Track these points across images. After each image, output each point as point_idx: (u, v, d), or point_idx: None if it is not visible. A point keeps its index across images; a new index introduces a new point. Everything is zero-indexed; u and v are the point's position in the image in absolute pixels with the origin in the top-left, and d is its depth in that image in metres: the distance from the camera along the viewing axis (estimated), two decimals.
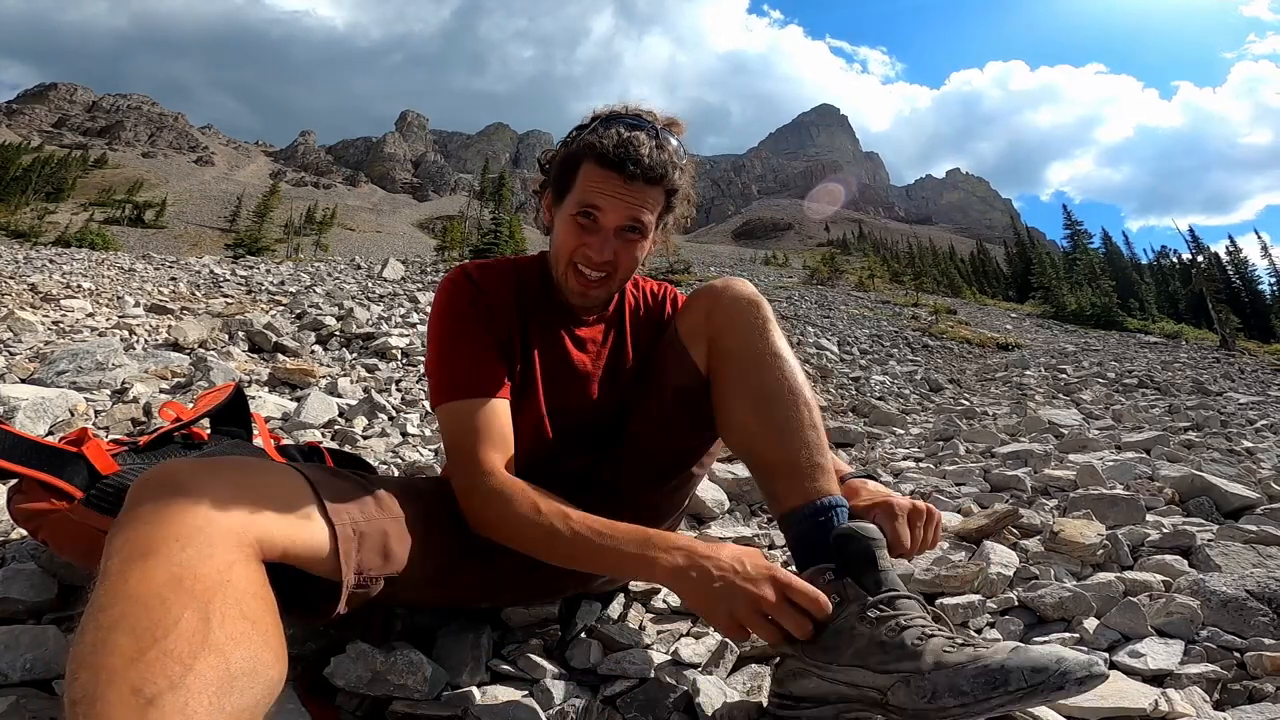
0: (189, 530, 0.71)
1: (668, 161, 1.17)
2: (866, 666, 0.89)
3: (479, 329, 1.22)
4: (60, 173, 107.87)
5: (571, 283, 1.25)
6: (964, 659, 0.83)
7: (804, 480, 1.08)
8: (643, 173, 1.14)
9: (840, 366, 8.33)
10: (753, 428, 1.14)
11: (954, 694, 0.81)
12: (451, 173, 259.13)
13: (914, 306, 20.90)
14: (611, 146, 1.13)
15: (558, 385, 1.29)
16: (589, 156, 1.16)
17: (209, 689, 0.60)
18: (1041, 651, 0.81)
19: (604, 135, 1.15)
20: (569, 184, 1.20)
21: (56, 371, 3.19)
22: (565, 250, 1.22)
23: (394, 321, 6.92)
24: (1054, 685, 0.78)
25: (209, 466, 0.81)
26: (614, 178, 1.14)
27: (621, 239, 1.20)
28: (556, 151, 1.28)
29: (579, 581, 1.35)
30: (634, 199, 1.16)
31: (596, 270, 1.22)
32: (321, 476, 0.92)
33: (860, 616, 0.93)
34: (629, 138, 1.14)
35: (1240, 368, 12.30)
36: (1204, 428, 4.37)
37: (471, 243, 35.78)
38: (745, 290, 1.22)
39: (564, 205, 1.22)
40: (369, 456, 2.71)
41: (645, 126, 1.18)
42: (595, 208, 1.17)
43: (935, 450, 3.65)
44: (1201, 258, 46.27)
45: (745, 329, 1.18)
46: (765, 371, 1.15)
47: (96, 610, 0.63)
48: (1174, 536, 1.70)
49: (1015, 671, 0.79)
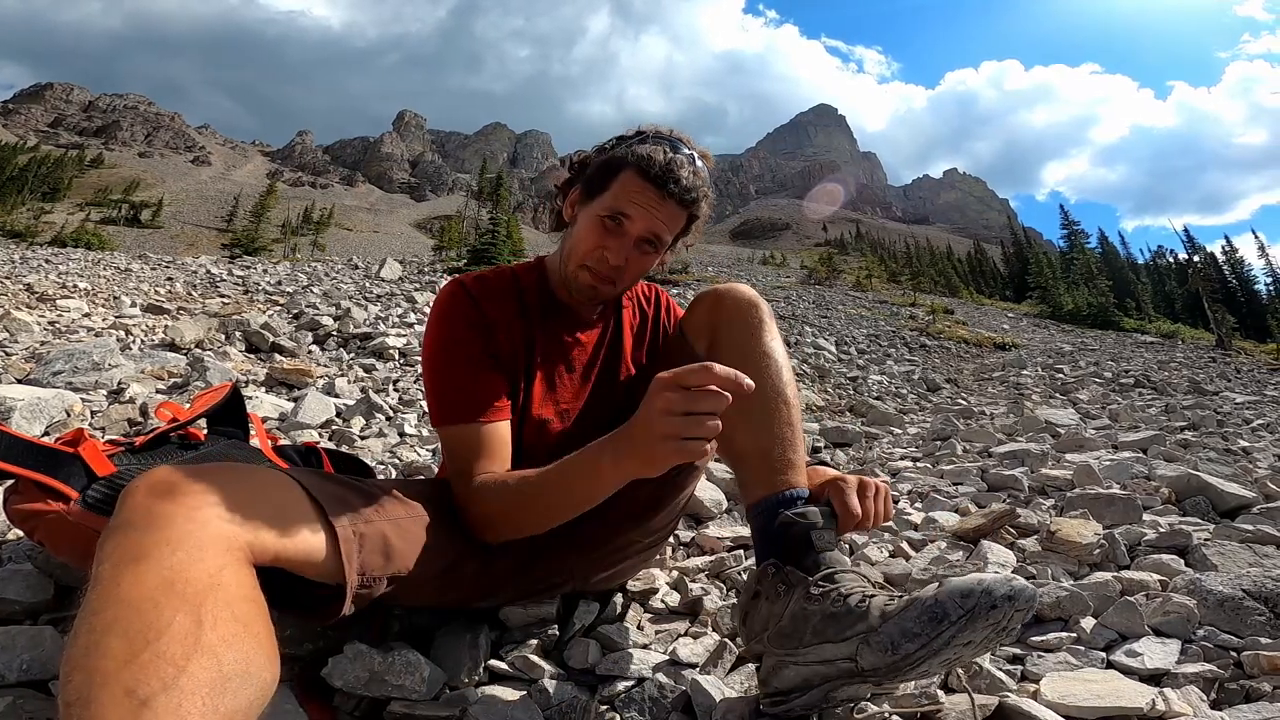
0: (179, 535, 0.71)
1: (700, 188, 1.24)
2: (827, 640, 0.93)
3: (477, 349, 1.24)
4: (56, 172, 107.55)
5: (583, 280, 1.28)
6: (903, 604, 0.90)
7: (772, 473, 1.12)
8: (679, 193, 1.21)
9: (838, 366, 8.34)
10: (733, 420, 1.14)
11: (909, 638, 0.86)
12: (449, 173, 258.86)
13: (911, 306, 20.94)
14: (659, 163, 1.19)
15: (560, 387, 1.34)
16: (632, 166, 1.21)
17: (202, 690, 0.60)
18: (962, 578, 0.87)
19: (652, 150, 1.21)
20: (604, 186, 1.24)
21: (52, 372, 3.18)
22: (584, 247, 1.26)
23: (391, 321, 6.91)
24: (986, 604, 0.83)
25: (199, 473, 0.81)
26: (651, 191, 1.20)
27: (638, 249, 1.25)
28: (591, 154, 1.33)
29: (576, 580, 1.35)
30: (662, 215, 1.22)
31: (608, 272, 1.26)
32: (315, 481, 0.93)
33: (807, 596, 0.98)
34: (674, 158, 1.21)
35: (1236, 367, 12.34)
36: (1200, 427, 4.39)
37: (469, 243, 35.76)
38: (746, 293, 1.27)
39: (592, 205, 1.26)
40: (366, 456, 2.71)
41: (684, 151, 1.25)
42: (625, 215, 1.22)
43: (933, 450, 3.65)
44: (1197, 258, 46.43)
45: (740, 326, 1.23)
46: (751, 369, 1.15)
47: (89, 614, 0.64)
48: (1170, 536, 1.70)
49: (948, 601, 0.85)
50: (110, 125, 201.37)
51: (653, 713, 1.07)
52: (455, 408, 1.20)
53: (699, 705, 1.06)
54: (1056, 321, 26.15)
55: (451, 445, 1.20)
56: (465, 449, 1.17)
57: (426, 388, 1.26)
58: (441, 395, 1.22)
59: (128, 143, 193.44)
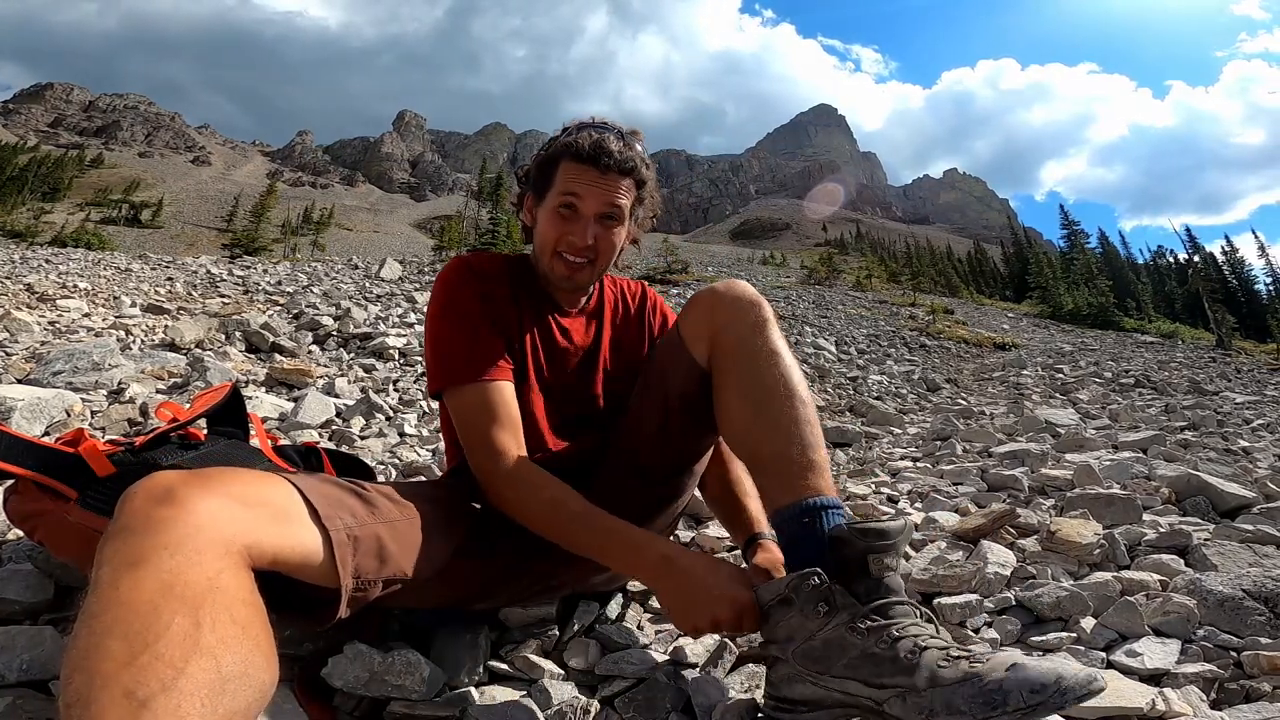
0: (178, 539, 0.72)
1: (635, 156, 1.33)
2: (859, 679, 0.88)
3: (478, 314, 1.30)
4: (56, 172, 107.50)
5: (559, 269, 1.35)
6: (960, 676, 0.82)
7: (795, 477, 1.07)
8: (615, 164, 1.29)
9: (838, 366, 8.34)
10: (748, 423, 1.16)
11: (951, 712, 0.80)
12: (449, 173, 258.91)
13: (911, 306, 20.93)
14: (587, 144, 1.29)
15: (550, 371, 1.39)
16: (565, 156, 1.31)
17: (201, 691, 0.61)
18: (1040, 669, 0.80)
19: (579, 137, 1.30)
20: (549, 183, 1.33)
21: (53, 372, 3.18)
22: (550, 240, 1.33)
23: (391, 321, 6.91)
24: (1054, 705, 0.77)
25: (197, 477, 0.81)
26: (590, 170, 1.29)
27: (601, 225, 1.32)
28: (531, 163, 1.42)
29: (574, 580, 1.36)
30: (609, 187, 1.30)
31: (580, 256, 1.33)
32: (310, 484, 0.93)
33: (850, 627, 0.91)
34: (600, 137, 1.30)
35: (1236, 367, 12.34)
36: (1200, 427, 4.39)
37: (469, 242, 35.79)
38: (746, 291, 1.26)
39: (545, 201, 1.35)
40: (366, 457, 2.71)
41: (612, 130, 1.34)
42: (575, 195, 1.30)
43: (933, 450, 3.65)
44: (1198, 258, 46.43)
45: (744, 326, 1.20)
46: (761, 367, 1.16)
47: (89, 617, 0.64)
48: (1170, 536, 1.70)
49: (1014, 691, 0.78)
50: (110, 125, 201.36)
51: (652, 713, 1.07)
52: (460, 365, 1.24)
53: (699, 705, 1.06)
54: (1056, 321, 26.13)
55: (461, 410, 1.23)
56: (474, 413, 1.21)
57: (428, 356, 1.31)
58: (445, 357, 1.27)
59: (128, 143, 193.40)
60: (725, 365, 1.20)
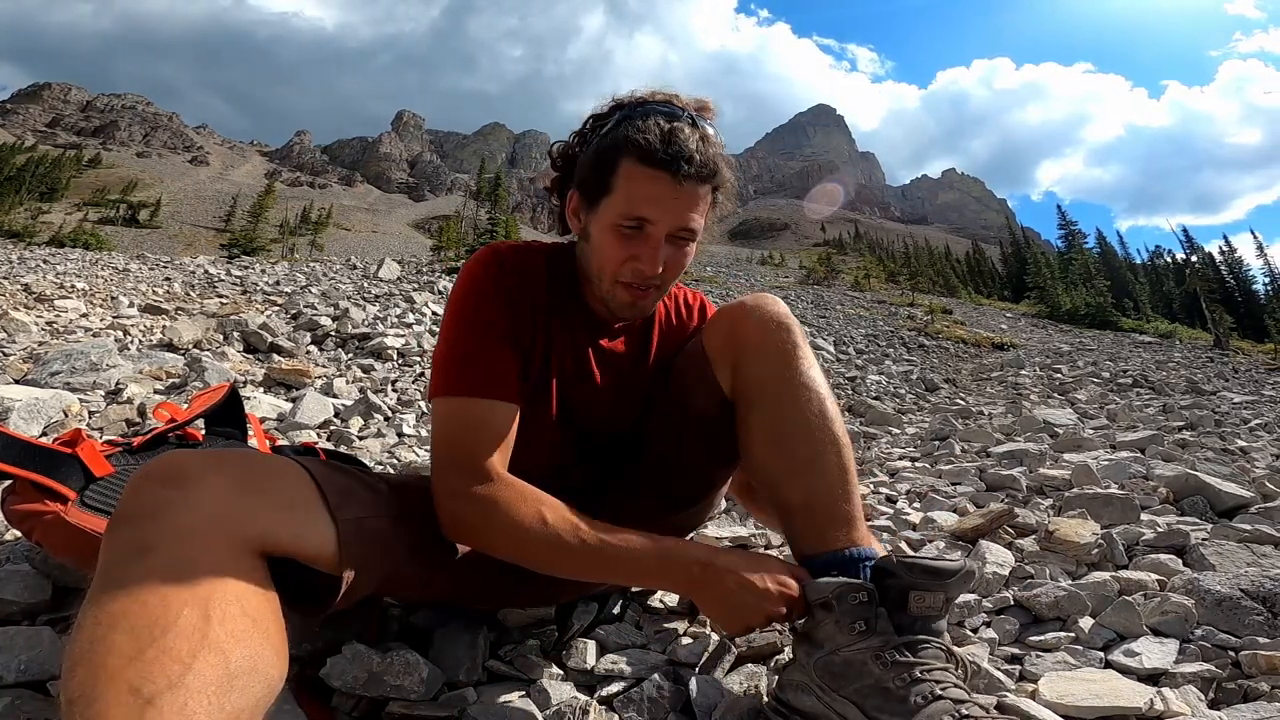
0: (189, 526, 0.70)
1: (715, 155, 1.05)
2: (861, 707, 0.85)
3: (501, 320, 1.11)
4: (54, 172, 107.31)
5: (621, 296, 1.12)
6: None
7: (825, 529, 1.00)
8: (695, 171, 1.02)
9: (837, 366, 8.34)
10: (771, 466, 1.07)
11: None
12: (448, 173, 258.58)
13: (910, 306, 20.94)
14: (657, 142, 1.01)
15: (574, 394, 1.21)
16: (629, 153, 1.02)
17: (208, 688, 0.59)
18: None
19: (644, 129, 1.02)
20: (605, 186, 1.06)
21: (50, 372, 3.18)
22: (612, 264, 1.09)
23: (390, 322, 6.90)
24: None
25: (212, 459, 0.79)
26: (663, 179, 1.01)
27: (671, 245, 1.08)
28: (574, 145, 1.16)
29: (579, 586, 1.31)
30: (686, 202, 1.04)
31: (646, 283, 1.10)
32: (324, 471, 0.91)
33: (876, 654, 0.87)
34: (674, 129, 1.02)
35: (1234, 367, 12.35)
36: (1198, 427, 4.39)
37: (468, 243, 35.79)
38: (774, 310, 1.11)
39: (602, 211, 1.08)
40: (365, 457, 2.71)
41: (682, 115, 1.06)
42: (645, 218, 1.04)
43: (931, 450, 3.66)
44: (1195, 258, 46.48)
45: (771, 355, 1.08)
46: (788, 405, 1.06)
47: (94, 607, 0.62)
48: (1168, 536, 1.70)
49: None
50: (108, 125, 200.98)
51: (651, 713, 1.07)
52: (465, 375, 1.06)
53: (698, 705, 1.06)
54: (1055, 321, 26.17)
55: (453, 423, 1.05)
56: (470, 429, 1.03)
57: (437, 354, 1.12)
58: (456, 362, 1.08)
59: (125, 143, 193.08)
60: (750, 398, 1.10)
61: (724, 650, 1.22)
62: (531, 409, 1.15)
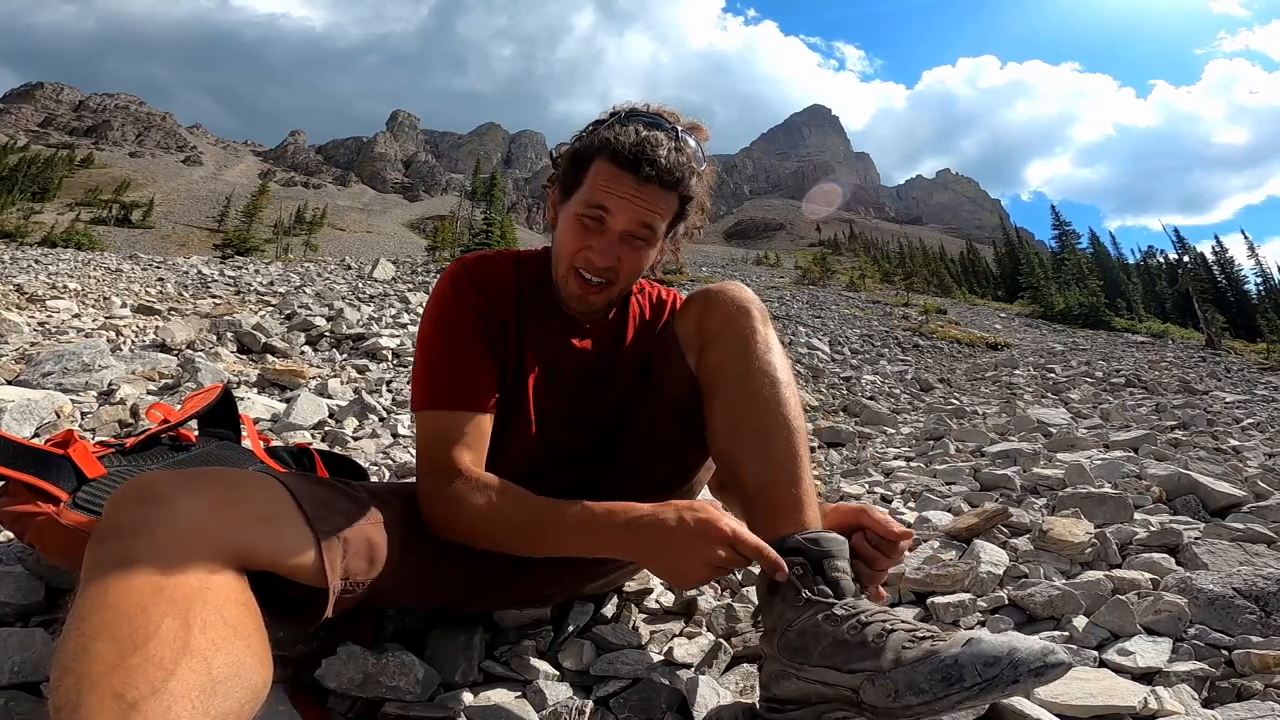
0: (167, 540, 0.71)
1: (685, 165, 1.10)
2: (834, 666, 0.88)
3: (474, 333, 1.16)
4: (46, 172, 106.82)
5: (572, 286, 1.18)
6: (920, 654, 0.82)
7: (774, 513, 1.03)
8: (658, 175, 1.07)
9: (831, 366, 8.36)
10: (729, 451, 1.10)
11: (915, 692, 0.80)
12: (443, 173, 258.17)
13: (904, 306, 21.01)
14: (628, 144, 1.07)
15: (549, 394, 1.24)
16: (602, 153, 1.09)
17: (191, 693, 0.60)
18: (994, 642, 0.79)
19: (620, 132, 1.08)
20: (578, 181, 1.13)
21: (42, 373, 3.16)
22: (567, 251, 1.15)
23: (384, 322, 6.89)
24: (1008, 679, 0.76)
25: (186, 477, 0.81)
26: (626, 177, 1.08)
27: (627, 244, 1.13)
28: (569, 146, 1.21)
29: (566, 591, 1.33)
30: (645, 202, 1.09)
31: (598, 275, 1.14)
32: (301, 485, 0.92)
33: (827, 615, 0.92)
34: (646, 136, 1.08)
35: (1226, 367, 12.43)
36: (1190, 426, 4.42)
37: (463, 243, 35.77)
38: (737, 295, 1.15)
39: (570, 203, 1.15)
40: (359, 458, 2.70)
41: (665, 127, 1.11)
42: (603, 209, 1.10)
43: (925, 449, 3.67)
44: (1188, 258, 46.75)
45: (731, 341, 1.12)
46: (744, 392, 1.09)
47: (78, 619, 0.64)
48: (1161, 535, 1.71)
49: (969, 666, 0.78)
50: (101, 125, 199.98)
51: (647, 713, 1.07)
52: (440, 388, 1.12)
53: (694, 706, 1.06)
54: (1048, 321, 26.27)
55: (432, 434, 1.11)
56: (446, 438, 1.09)
57: (415, 370, 1.18)
58: (431, 378, 1.14)
59: (118, 142, 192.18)
60: (712, 382, 1.13)
61: (719, 650, 1.22)
62: (508, 413, 1.20)
